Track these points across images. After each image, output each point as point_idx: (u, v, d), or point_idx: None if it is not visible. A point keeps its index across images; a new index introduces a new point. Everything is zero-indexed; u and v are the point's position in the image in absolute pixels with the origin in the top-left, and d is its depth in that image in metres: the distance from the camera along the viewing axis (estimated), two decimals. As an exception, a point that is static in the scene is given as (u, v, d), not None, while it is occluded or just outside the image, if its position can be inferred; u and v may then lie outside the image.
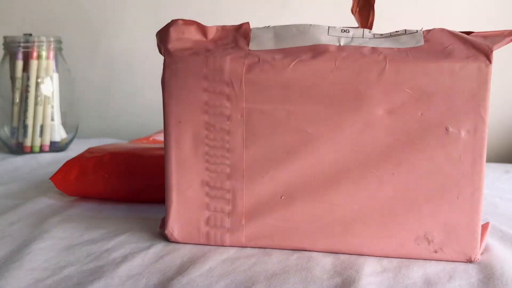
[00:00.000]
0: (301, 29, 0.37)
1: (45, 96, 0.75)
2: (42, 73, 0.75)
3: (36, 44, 0.74)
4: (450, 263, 0.35)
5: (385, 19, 0.57)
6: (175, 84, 0.36)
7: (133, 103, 0.97)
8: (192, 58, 0.36)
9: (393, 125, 0.34)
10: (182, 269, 0.34)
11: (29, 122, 0.74)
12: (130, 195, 0.49)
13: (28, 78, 0.74)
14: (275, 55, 0.36)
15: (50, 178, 0.50)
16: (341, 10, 0.64)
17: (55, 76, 0.76)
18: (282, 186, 0.36)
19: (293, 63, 0.35)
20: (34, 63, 0.74)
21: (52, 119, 0.76)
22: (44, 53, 0.75)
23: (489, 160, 0.82)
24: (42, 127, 0.75)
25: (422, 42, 0.35)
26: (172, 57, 0.37)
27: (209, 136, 0.36)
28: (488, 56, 0.33)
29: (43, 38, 0.75)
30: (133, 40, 0.95)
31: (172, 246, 0.38)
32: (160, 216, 0.45)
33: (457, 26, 0.46)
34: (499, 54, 0.42)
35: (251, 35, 0.37)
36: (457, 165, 0.34)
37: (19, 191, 0.54)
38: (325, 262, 0.35)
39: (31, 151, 0.75)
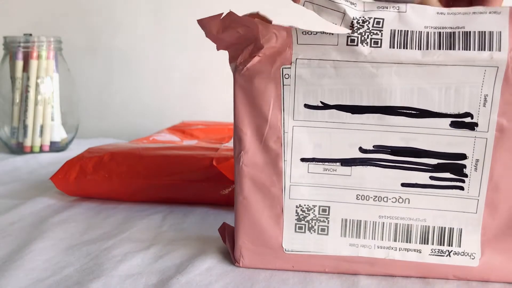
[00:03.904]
0: None
1: (45, 96, 0.75)
2: (42, 73, 0.75)
3: (36, 44, 0.74)
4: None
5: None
6: None
7: (133, 103, 0.97)
8: None
9: None
10: (181, 268, 0.34)
11: (29, 122, 0.75)
12: (130, 195, 0.49)
13: (28, 78, 0.74)
14: None
15: (50, 178, 0.50)
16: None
17: (55, 76, 0.77)
18: None
19: None
20: (34, 63, 0.74)
21: (52, 119, 0.76)
22: (44, 53, 0.75)
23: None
24: (42, 127, 0.75)
25: None
26: None
27: None
28: None
29: (43, 38, 0.75)
30: (133, 40, 0.96)
31: (171, 246, 0.38)
32: (160, 215, 0.45)
33: None
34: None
35: None
36: None
37: (19, 191, 0.54)
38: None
39: (31, 151, 0.75)
